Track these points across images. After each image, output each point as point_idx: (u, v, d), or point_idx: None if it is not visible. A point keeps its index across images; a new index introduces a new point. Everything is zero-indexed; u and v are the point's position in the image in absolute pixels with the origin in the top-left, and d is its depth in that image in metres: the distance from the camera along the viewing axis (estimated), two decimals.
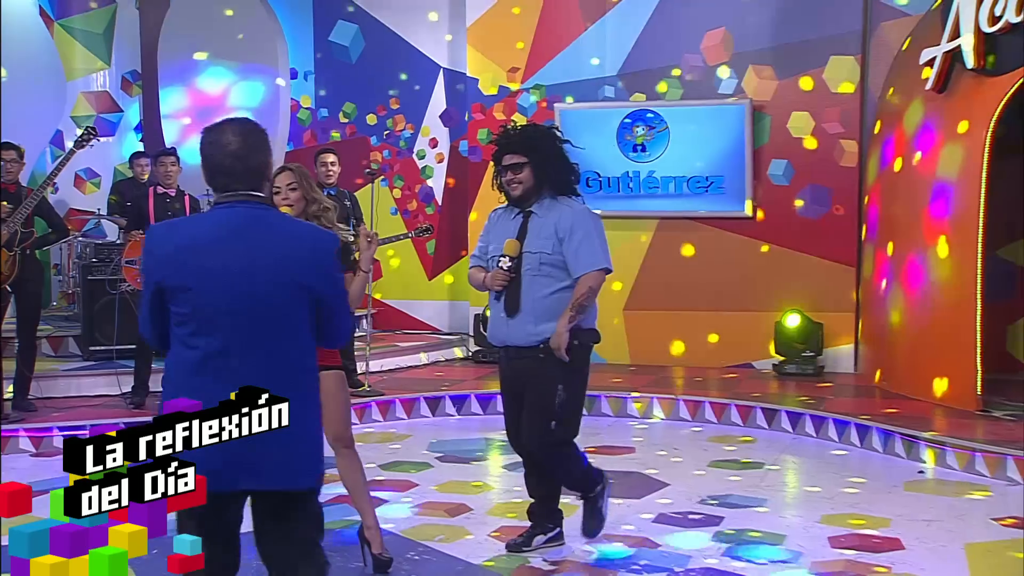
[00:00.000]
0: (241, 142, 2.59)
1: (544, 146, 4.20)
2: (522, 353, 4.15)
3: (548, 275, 4.10)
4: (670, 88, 9.01)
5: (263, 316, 2.50)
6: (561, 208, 4.16)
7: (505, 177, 4.22)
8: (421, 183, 10.27)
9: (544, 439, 4.16)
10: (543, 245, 4.10)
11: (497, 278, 4.14)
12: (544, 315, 4.09)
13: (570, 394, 4.15)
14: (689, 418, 7.34)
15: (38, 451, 6.30)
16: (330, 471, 5.59)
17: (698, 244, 8.92)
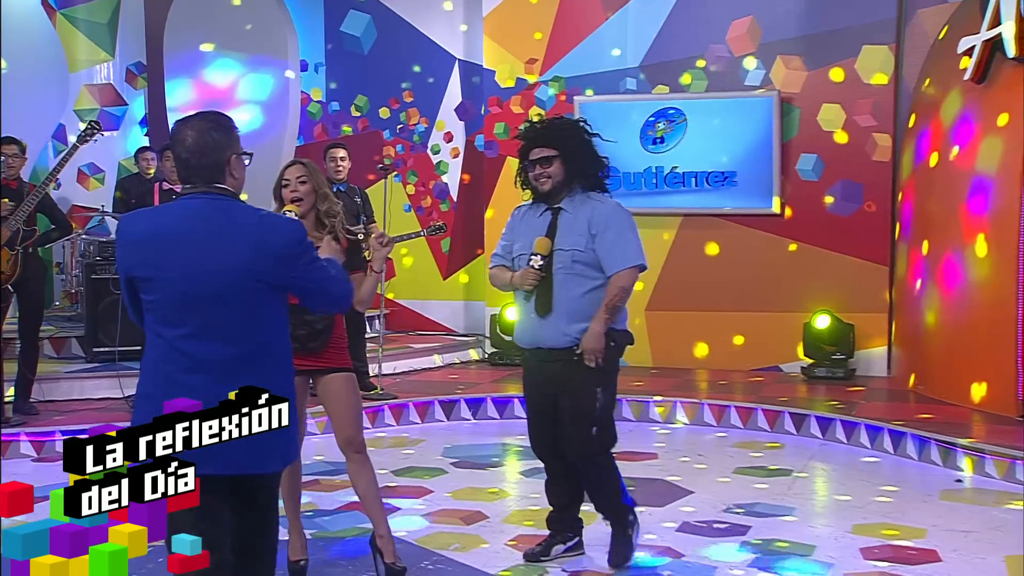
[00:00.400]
0: (196, 137, 2.76)
1: (573, 139, 4.18)
2: (555, 355, 4.10)
3: (581, 274, 4.07)
4: (694, 80, 8.98)
5: (222, 305, 2.69)
6: (593, 204, 4.13)
7: (533, 172, 4.18)
8: (435, 179, 10.27)
9: (586, 446, 4.12)
10: (576, 242, 4.08)
11: (528, 277, 4.10)
12: (577, 314, 4.07)
13: (607, 397, 4.12)
14: (714, 423, 7.32)
15: (40, 456, 6.33)
16: (341, 477, 5.67)
17: (723, 242, 8.88)
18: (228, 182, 2.79)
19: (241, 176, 2.83)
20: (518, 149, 4.32)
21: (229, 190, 2.79)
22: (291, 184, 4.11)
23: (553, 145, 4.15)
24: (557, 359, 4.11)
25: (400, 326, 10.10)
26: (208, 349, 2.68)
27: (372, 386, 7.45)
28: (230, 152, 2.79)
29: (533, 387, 4.29)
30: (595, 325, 4.04)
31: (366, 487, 4.20)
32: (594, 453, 4.14)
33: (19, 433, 6.39)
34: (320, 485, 5.68)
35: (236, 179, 2.82)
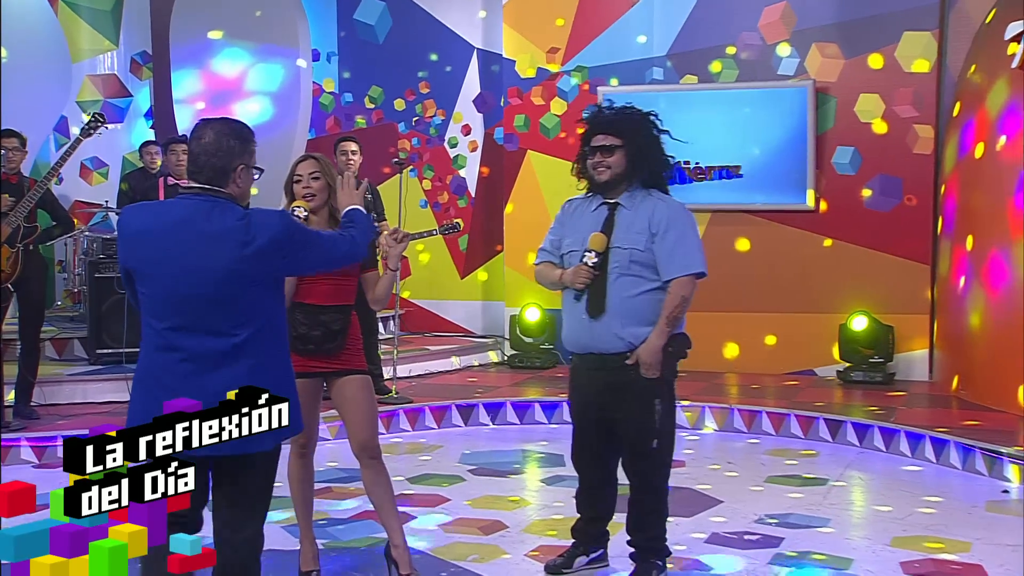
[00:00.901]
0: (213, 138, 3.04)
1: (641, 132, 4.09)
2: (607, 362, 4.03)
3: (637, 274, 3.99)
4: (724, 69, 8.94)
5: (207, 303, 2.95)
6: (655, 202, 4.05)
7: (592, 159, 4.11)
8: (453, 173, 10.27)
9: (644, 462, 4.07)
10: (635, 241, 4.00)
11: (580, 275, 4.03)
12: (631, 317, 3.99)
13: (666, 409, 4.05)
14: (744, 429, 7.29)
15: (41, 462, 6.36)
16: (354, 484, 5.68)
17: (754, 238, 8.85)
18: (230, 188, 3.04)
19: (246, 187, 3.09)
20: (581, 135, 4.22)
21: (227, 194, 3.03)
22: (303, 180, 4.12)
23: (618, 134, 4.07)
24: (610, 367, 4.03)
25: (416, 327, 10.11)
26: (195, 342, 2.96)
27: (387, 389, 7.47)
28: (239, 162, 3.05)
29: (582, 396, 4.22)
30: (654, 338, 3.95)
31: (381, 495, 4.20)
32: (653, 468, 4.08)
33: (19, 438, 6.42)
34: (332, 493, 5.68)
35: (240, 188, 3.07)
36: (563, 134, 9.44)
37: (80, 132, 6.81)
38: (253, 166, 3.11)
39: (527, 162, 9.58)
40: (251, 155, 3.10)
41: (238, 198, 3.07)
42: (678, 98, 8.85)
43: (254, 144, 3.12)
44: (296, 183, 4.15)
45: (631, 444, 4.08)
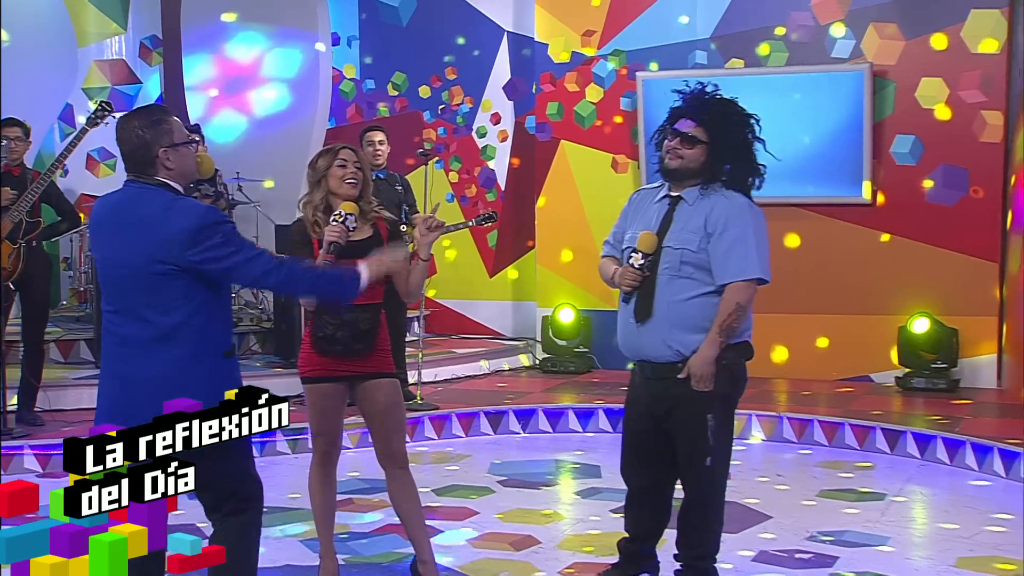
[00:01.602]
0: (125, 136, 3.32)
1: (733, 134, 3.97)
2: (660, 371, 3.98)
3: (690, 276, 3.91)
4: (773, 52, 8.89)
5: (133, 288, 3.27)
6: (716, 198, 3.93)
7: (670, 142, 4.00)
8: (481, 165, 10.27)
9: (698, 478, 4.02)
10: (688, 240, 3.90)
11: (626, 277, 3.97)
12: (681, 322, 3.92)
13: (720, 423, 3.98)
14: (795, 439, 7.26)
15: (45, 471, 6.40)
16: (377, 496, 5.68)
17: (805, 234, 8.79)
18: (162, 173, 3.31)
19: (180, 163, 3.33)
20: (671, 108, 4.09)
21: (158, 180, 3.31)
22: (348, 167, 4.13)
23: (705, 127, 3.94)
24: (662, 376, 3.98)
25: (442, 329, 10.12)
26: (127, 327, 3.29)
27: (411, 395, 7.47)
28: (158, 147, 3.29)
29: (633, 404, 4.17)
30: (705, 349, 3.88)
31: (408, 507, 4.20)
32: (708, 486, 4.03)
33: (22, 446, 6.46)
34: (354, 505, 5.69)
35: (173, 169, 3.32)
36: (599, 123, 9.42)
37: (86, 122, 6.83)
38: (179, 142, 3.32)
39: (560, 153, 9.56)
40: (169, 134, 3.31)
41: (179, 178, 3.34)
42: (723, 84, 8.62)
43: (168, 121, 3.33)
44: (341, 166, 4.14)
45: (684, 459, 4.04)
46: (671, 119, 4.05)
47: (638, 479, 4.22)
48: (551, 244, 9.60)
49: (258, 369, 8.27)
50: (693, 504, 4.10)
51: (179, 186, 3.37)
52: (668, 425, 4.02)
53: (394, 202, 7.36)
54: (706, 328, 3.90)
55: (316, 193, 4.19)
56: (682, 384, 3.92)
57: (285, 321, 8.30)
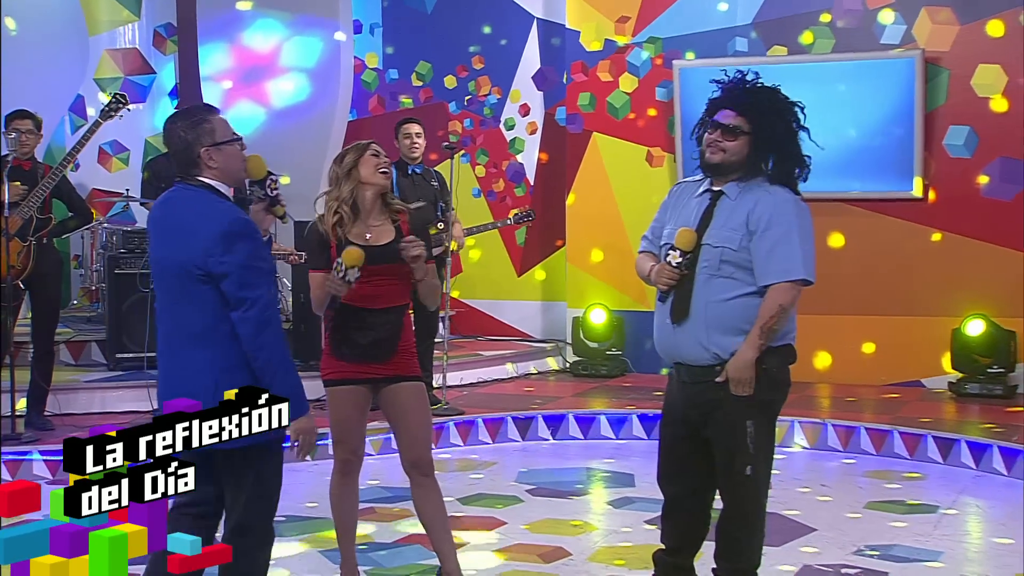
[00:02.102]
0: (169, 138, 3.55)
1: (779, 122, 3.93)
2: (696, 375, 3.96)
3: (730, 276, 3.87)
4: (818, 38, 8.85)
5: (166, 290, 3.52)
6: (760, 194, 3.88)
7: (711, 134, 3.95)
8: (509, 159, 10.28)
9: (737, 487, 4.01)
10: (728, 238, 3.86)
11: (663, 275, 3.92)
12: (719, 324, 3.88)
13: (760, 430, 3.94)
14: (840, 447, 7.23)
15: (55, 478, 6.44)
16: (400, 505, 5.69)
17: (850, 232, 8.76)
18: (207, 173, 3.48)
19: (224, 163, 3.48)
20: (708, 101, 4.05)
21: (203, 181, 3.48)
22: (382, 156, 4.22)
23: (749, 117, 3.89)
24: (699, 380, 3.95)
25: (467, 330, 10.13)
26: (166, 326, 3.53)
27: (436, 399, 7.48)
28: (199, 147, 3.46)
29: (670, 409, 4.15)
30: (745, 351, 3.83)
31: (433, 515, 4.21)
32: (748, 499, 4.01)
33: (32, 451, 6.51)
34: (376, 514, 5.70)
35: (216, 168, 3.48)
36: (633, 115, 9.40)
37: (100, 114, 6.88)
38: (221, 141, 3.48)
39: (592, 146, 9.54)
40: (211, 133, 3.47)
41: (225, 177, 3.51)
42: (765, 73, 8.54)
43: (209, 120, 3.49)
44: (374, 156, 4.17)
45: (721, 467, 4.02)
46: (710, 111, 4.01)
47: (675, 488, 4.19)
48: (582, 242, 9.59)
49: None
50: (732, 515, 4.08)
51: (225, 187, 3.51)
52: (706, 431, 4.01)
53: (430, 199, 7.38)
54: (745, 330, 3.87)
55: (344, 186, 4.20)
56: (720, 388, 3.90)
57: (305, 323, 8.32)
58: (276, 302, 3.47)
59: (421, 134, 7.43)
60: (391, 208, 4.25)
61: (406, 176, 7.42)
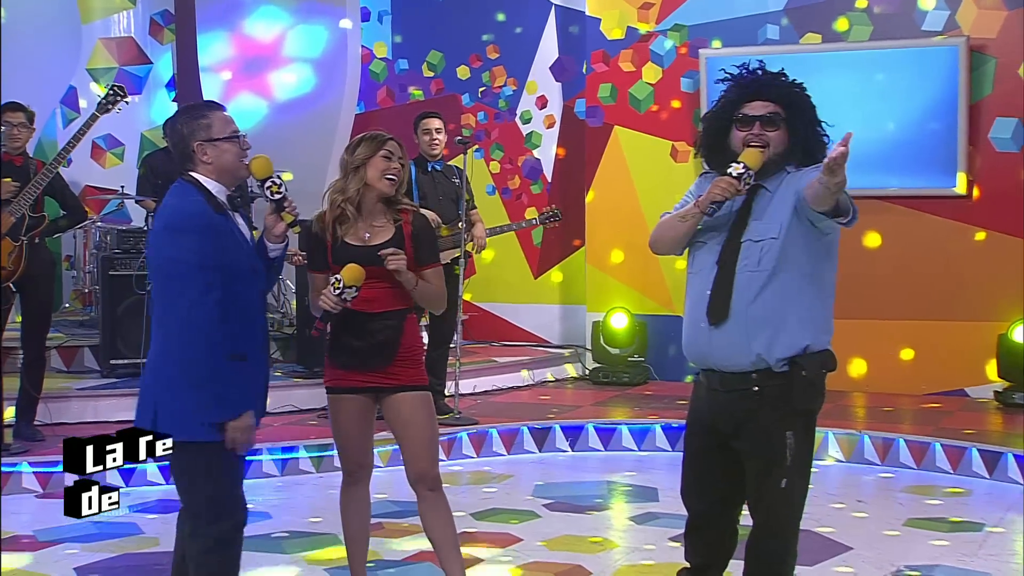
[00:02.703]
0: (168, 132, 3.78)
1: (804, 104, 3.91)
2: (730, 382, 3.91)
3: (773, 273, 3.81)
4: (855, 25, 8.83)
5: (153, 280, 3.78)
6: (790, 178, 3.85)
7: (747, 130, 3.90)
8: (525, 154, 10.28)
9: (771, 502, 3.98)
10: (769, 230, 3.83)
11: (719, 184, 3.76)
12: (762, 323, 3.82)
13: (800, 443, 3.89)
14: (877, 461, 7.21)
15: (45, 491, 6.46)
16: (409, 520, 5.69)
17: (888, 231, 8.74)
18: (200, 168, 3.66)
19: (217, 159, 3.64)
20: (723, 96, 4.01)
21: (191, 176, 3.66)
22: (393, 160, 4.18)
23: (782, 103, 3.87)
24: (732, 388, 3.90)
25: (481, 335, 10.13)
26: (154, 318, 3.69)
27: (447, 408, 7.49)
28: (194, 140, 3.64)
29: (696, 419, 4.13)
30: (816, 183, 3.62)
31: (442, 532, 4.21)
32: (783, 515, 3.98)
33: (21, 463, 6.52)
34: (384, 530, 5.70)
35: (209, 164, 3.65)
36: (656, 107, 9.40)
37: (97, 107, 6.88)
38: (217, 137, 3.63)
39: (614, 140, 9.54)
40: (207, 128, 3.64)
41: (219, 174, 3.65)
42: (797, 62, 8.59)
43: (208, 116, 3.66)
44: (386, 159, 4.16)
45: (754, 481, 3.99)
46: (731, 106, 3.99)
47: (700, 503, 4.17)
48: (602, 242, 9.58)
49: (279, 379, 8.31)
50: (763, 533, 4.05)
51: (216, 184, 3.64)
52: (737, 442, 3.98)
53: (451, 196, 7.40)
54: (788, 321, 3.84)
55: (351, 183, 4.19)
56: (755, 397, 3.87)
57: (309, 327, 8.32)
58: (206, 304, 3.50)
59: (442, 129, 7.46)
60: (395, 208, 4.24)
61: (426, 173, 7.44)
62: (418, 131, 7.46)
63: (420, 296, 4.20)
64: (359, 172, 4.18)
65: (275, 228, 3.76)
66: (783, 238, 3.82)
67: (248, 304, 3.66)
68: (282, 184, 3.74)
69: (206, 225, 3.57)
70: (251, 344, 3.66)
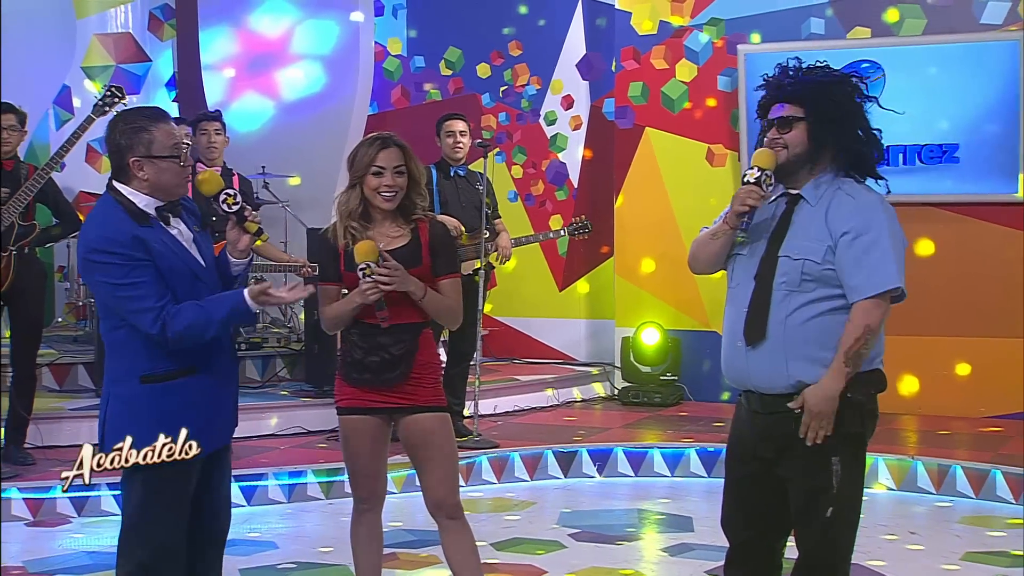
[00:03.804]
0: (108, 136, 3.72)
1: (832, 97, 3.92)
2: (771, 404, 3.91)
3: (812, 292, 3.84)
4: (906, 18, 8.80)
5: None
6: (840, 196, 3.87)
7: (768, 135, 3.97)
8: (550, 158, 10.28)
9: (815, 533, 3.96)
10: (810, 249, 3.84)
11: (740, 195, 3.84)
12: (801, 348, 3.83)
13: (848, 469, 3.88)
14: (931, 489, 7.17)
15: (36, 518, 6.48)
16: (426, 550, 5.69)
17: (941, 239, 8.71)
18: (134, 183, 3.67)
19: (155, 178, 3.65)
20: (758, 104, 4.07)
21: (115, 188, 3.69)
22: (386, 175, 4.14)
23: (799, 101, 3.91)
24: (773, 410, 3.90)
25: (502, 352, 10.13)
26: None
27: (466, 430, 7.48)
28: (131, 156, 3.64)
29: (738, 443, 4.11)
30: (828, 381, 3.77)
31: (464, 562, 4.20)
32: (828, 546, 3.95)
33: (10, 489, 6.51)
34: (398, 560, 5.69)
35: (147, 180, 3.66)
36: (689, 105, 9.38)
37: (93, 109, 6.90)
38: (157, 155, 3.63)
39: (645, 142, 9.53)
40: (147, 145, 3.63)
41: (156, 192, 3.67)
42: (844, 58, 8.69)
43: (151, 130, 3.64)
44: (377, 175, 4.15)
45: (799, 510, 3.96)
46: (761, 112, 4.03)
47: (742, 533, 4.15)
48: (632, 251, 9.56)
49: (286, 399, 8.33)
50: (809, 566, 4.02)
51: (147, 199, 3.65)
52: (780, 469, 3.96)
53: (475, 204, 7.40)
54: (829, 357, 3.83)
55: (353, 196, 4.20)
56: (797, 419, 3.85)
57: (319, 343, 8.35)
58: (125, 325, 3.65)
59: (466, 132, 7.46)
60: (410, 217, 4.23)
61: (448, 178, 7.45)
62: (441, 133, 7.46)
63: (430, 308, 4.20)
64: (356, 188, 4.19)
65: (239, 242, 3.77)
66: (823, 259, 3.82)
67: None
68: (236, 194, 3.73)
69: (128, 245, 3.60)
70: (199, 355, 3.69)
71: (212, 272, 3.77)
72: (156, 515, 3.66)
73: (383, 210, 4.18)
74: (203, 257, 3.76)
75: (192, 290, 3.66)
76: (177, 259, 3.66)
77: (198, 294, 3.66)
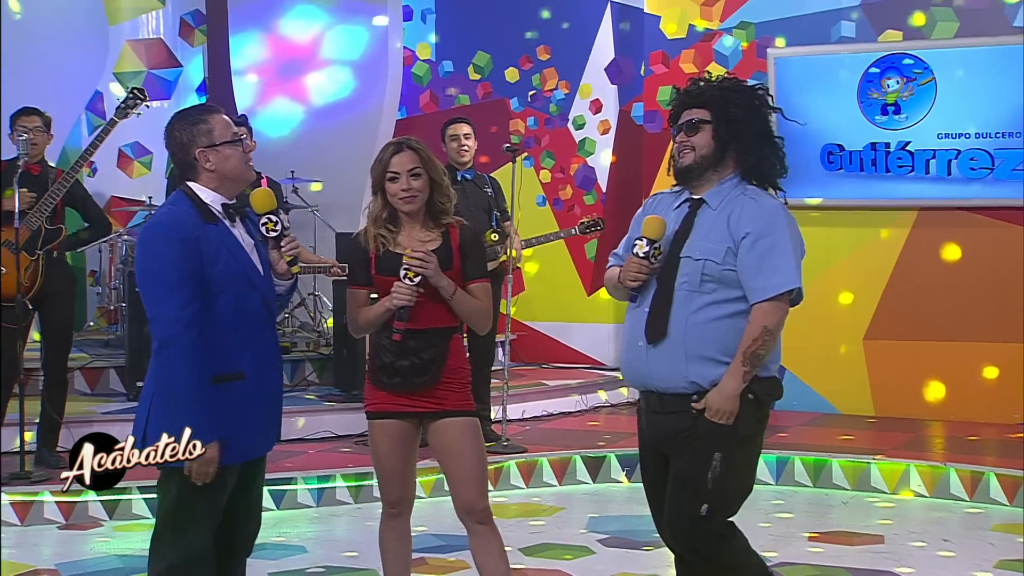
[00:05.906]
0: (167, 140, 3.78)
1: (738, 103, 4.06)
2: (668, 404, 3.99)
3: (712, 293, 3.93)
4: (937, 21, 8.75)
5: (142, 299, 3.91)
6: (744, 200, 3.99)
7: (677, 140, 4.11)
8: (579, 162, 10.26)
9: (691, 530, 3.98)
10: (711, 251, 3.94)
11: (630, 268, 3.99)
12: (701, 348, 3.91)
13: (729, 468, 3.93)
14: (964, 496, 7.10)
15: (69, 522, 6.50)
16: (454, 555, 5.67)
17: (970, 245, 8.68)
18: (203, 178, 3.72)
19: (221, 165, 3.70)
20: (669, 115, 4.23)
21: (187, 186, 3.73)
22: (401, 179, 4.13)
23: (706, 105, 4.05)
24: (671, 410, 3.97)
25: (530, 357, 10.12)
26: None
27: (494, 435, 7.47)
28: (196, 148, 3.70)
29: (644, 445, 4.18)
30: (728, 381, 3.87)
31: (492, 567, 4.20)
32: (702, 539, 3.97)
33: (43, 492, 6.54)
34: (426, 565, 5.68)
35: (213, 171, 3.71)
36: None
37: (116, 112, 6.92)
38: (218, 142, 3.69)
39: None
40: (208, 134, 3.70)
41: (222, 181, 3.71)
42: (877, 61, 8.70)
43: (209, 120, 3.72)
44: (392, 180, 4.15)
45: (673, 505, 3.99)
46: (672, 119, 4.15)
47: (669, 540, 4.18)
48: None
49: (314, 403, 8.32)
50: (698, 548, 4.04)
51: (214, 195, 3.69)
52: (673, 463, 4.01)
53: (483, 207, 7.39)
54: (728, 359, 3.87)
55: (378, 202, 4.21)
56: (693, 418, 3.89)
57: (347, 347, 8.34)
58: (184, 318, 3.56)
59: (471, 135, 7.44)
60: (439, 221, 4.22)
61: (455, 183, 7.41)
62: (445, 138, 7.44)
63: (459, 308, 4.19)
64: (379, 194, 4.20)
65: (278, 266, 3.83)
66: (723, 260, 3.94)
67: (245, 317, 3.68)
68: (279, 222, 3.78)
69: (188, 236, 3.61)
70: (249, 361, 3.69)
71: (268, 282, 3.79)
72: (190, 519, 3.66)
73: (408, 214, 4.17)
74: (261, 265, 3.77)
75: (246, 295, 3.68)
76: (234, 260, 3.67)
77: (251, 301, 3.69)
